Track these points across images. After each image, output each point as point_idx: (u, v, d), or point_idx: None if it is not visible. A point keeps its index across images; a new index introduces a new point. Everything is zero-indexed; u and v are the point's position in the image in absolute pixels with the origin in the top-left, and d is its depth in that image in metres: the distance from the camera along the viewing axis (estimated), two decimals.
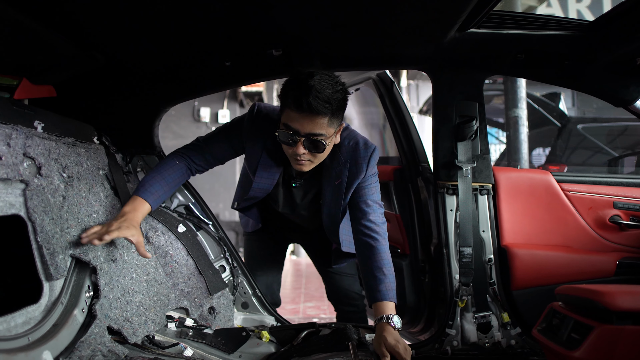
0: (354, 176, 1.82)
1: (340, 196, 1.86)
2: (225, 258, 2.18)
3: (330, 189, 1.86)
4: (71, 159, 1.68)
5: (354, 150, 1.82)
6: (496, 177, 2.21)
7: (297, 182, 1.92)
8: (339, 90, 1.59)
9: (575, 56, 1.96)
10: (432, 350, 2.13)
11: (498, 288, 2.17)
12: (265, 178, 1.87)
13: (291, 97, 1.56)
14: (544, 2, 7.47)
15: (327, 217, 1.94)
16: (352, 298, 2.25)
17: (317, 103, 1.53)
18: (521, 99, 4.38)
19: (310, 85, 1.53)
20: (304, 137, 1.61)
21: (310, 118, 1.57)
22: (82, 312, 1.49)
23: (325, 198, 1.89)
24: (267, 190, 1.91)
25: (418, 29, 1.73)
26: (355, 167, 1.82)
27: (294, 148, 1.64)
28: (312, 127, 1.59)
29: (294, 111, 1.57)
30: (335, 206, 1.89)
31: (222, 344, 1.90)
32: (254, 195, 1.94)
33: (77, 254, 1.54)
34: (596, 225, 2.23)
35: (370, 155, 1.83)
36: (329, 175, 1.85)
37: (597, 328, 1.22)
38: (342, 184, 1.84)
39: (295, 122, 1.59)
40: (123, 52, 1.82)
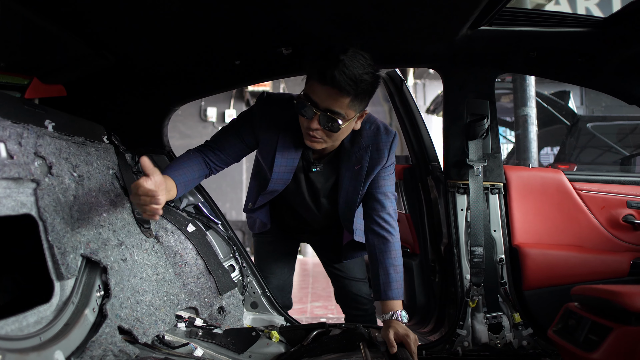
0: (375, 162, 1.77)
1: (359, 182, 1.80)
2: (235, 258, 2.17)
3: (349, 174, 1.80)
4: (81, 159, 1.68)
5: (375, 135, 1.77)
6: (507, 176, 2.19)
7: (317, 167, 1.83)
8: (369, 73, 1.49)
9: (588, 53, 1.93)
10: (442, 350, 2.11)
11: (509, 288, 2.15)
12: (284, 166, 1.79)
13: (317, 67, 1.48)
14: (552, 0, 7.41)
15: (344, 204, 1.87)
16: (361, 303, 2.21)
17: (342, 78, 1.44)
18: (530, 97, 4.35)
19: (339, 59, 1.44)
20: (321, 112, 1.54)
21: (332, 94, 1.49)
22: (93, 312, 1.48)
23: (344, 183, 1.82)
24: (286, 180, 1.83)
25: (430, 26, 1.71)
26: (377, 153, 1.77)
27: (308, 121, 1.58)
28: (331, 103, 1.52)
29: (317, 82, 1.50)
30: (354, 192, 1.82)
31: (231, 344, 1.89)
32: (273, 189, 1.86)
33: (88, 253, 1.54)
34: (609, 225, 2.21)
35: (392, 140, 1.78)
36: (348, 160, 1.79)
37: (615, 329, 1.20)
38: (363, 169, 1.78)
39: (315, 94, 1.52)
40: (133, 51, 1.82)
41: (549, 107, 5.24)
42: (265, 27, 1.71)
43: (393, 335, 1.67)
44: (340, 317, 4.13)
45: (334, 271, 2.22)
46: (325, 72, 1.45)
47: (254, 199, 2.00)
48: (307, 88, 1.57)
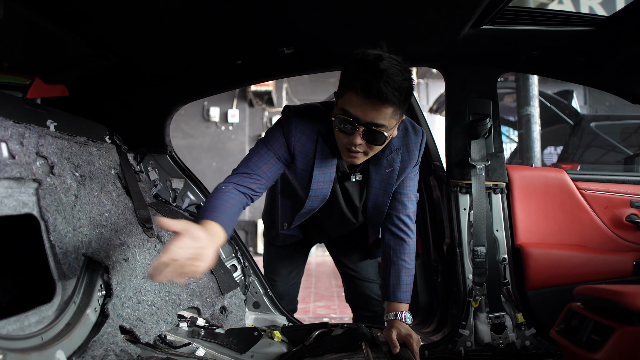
0: (406, 163, 1.72)
1: (390, 185, 1.73)
2: (237, 257, 2.17)
3: (379, 177, 1.73)
4: (83, 158, 1.69)
5: (405, 136, 1.70)
6: (510, 176, 2.18)
7: (355, 176, 1.74)
8: (407, 79, 1.41)
9: (591, 52, 1.92)
10: (445, 350, 2.11)
11: (512, 288, 2.14)
12: (321, 182, 1.69)
13: (360, 81, 1.38)
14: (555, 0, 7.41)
15: (373, 208, 1.80)
16: (372, 304, 2.18)
17: (387, 90, 1.36)
18: (533, 96, 4.33)
19: (381, 69, 1.35)
20: (364, 127, 1.44)
21: (376, 106, 1.40)
22: (94, 312, 1.48)
23: (373, 187, 1.75)
24: (325, 196, 1.73)
25: (432, 25, 1.71)
26: (407, 154, 1.71)
27: (350, 137, 1.47)
28: (375, 116, 1.42)
29: (358, 95, 1.39)
30: (384, 195, 1.75)
31: (233, 343, 1.89)
32: (310, 207, 1.75)
33: (90, 253, 1.54)
34: (612, 225, 2.19)
35: (421, 140, 1.72)
36: (378, 164, 1.71)
37: (618, 329, 1.20)
38: (394, 172, 1.71)
39: (357, 108, 1.42)
40: (135, 51, 1.83)
41: (552, 107, 5.22)
42: (267, 27, 1.71)
43: (396, 335, 1.66)
44: (343, 316, 4.14)
45: (348, 271, 2.18)
46: (371, 85, 1.36)
47: (289, 219, 1.89)
48: (344, 102, 1.45)
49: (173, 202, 2.20)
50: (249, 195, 1.60)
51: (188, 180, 2.21)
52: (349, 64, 1.44)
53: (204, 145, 8.61)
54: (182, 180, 2.20)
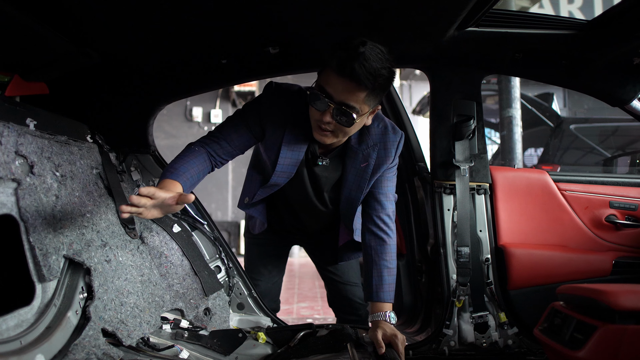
0: (381, 161, 1.75)
1: (364, 180, 1.77)
2: (221, 258, 2.15)
3: (354, 170, 1.77)
4: (64, 158, 1.65)
5: (383, 134, 1.74)
6: (493, 177, 2.21)
7: (323, 161, 1.76)
8: (386, 67, 1.44)
9: (573, 55, 1.96)
10: (429, 350, 2.12)
11: (495, 288, 2.16)
12: (289, 158, 1.72)
13: (336, 58, 1.41)
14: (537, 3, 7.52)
15: (346, 201, 1.84)
16: (355, 307, 2.17)
17: (361, 71, 1.39)
18: (515, 99, 4.39)
19: (360, 51, 1.39)
20: (335, 105, 1.48)
21: (349, 86, 1.43)
22: (75, 314, 1.46)
23: (348, 180, 1.79)
24: (290, 173, 1.76)
25: (418, 27, 1.72)
26: (384, 152, 1.74)
27: (321, 114, 1.51)
28: (347, 97, 1.46)
29: (334, 73, 1.43)
30: (357, 189, 1.79)
31: (218, 345, 1.87)
32: (275, 182, 1.78)
33: (71, 254, 1.51)
34: (592, 225, 2.24)
35: (399, 140, 1.76)
36: (354, 157, 1.75)
37: (600, 328, 1.22)
38: (369, 167, 1.75)
39: (331, 86, 1.46)
40: (118, 49, 1.79)
41: (533, 109, 5.30)
42: (253, 26, 1.70)
43: (381, 335, 1.67)
44: (327, 317, 4.14)
45: (329, 275, 2.17)
46: (345, 64, 1.40)
47: (252, 193, 1.91)
48: (321, 79, 1.51)
49: None
50: (214, 161, 1.70)
51: None
52: (334, 45, 1.46)
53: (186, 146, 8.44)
54: None
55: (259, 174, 1.91)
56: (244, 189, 2.00)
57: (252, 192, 1.91)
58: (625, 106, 2.10)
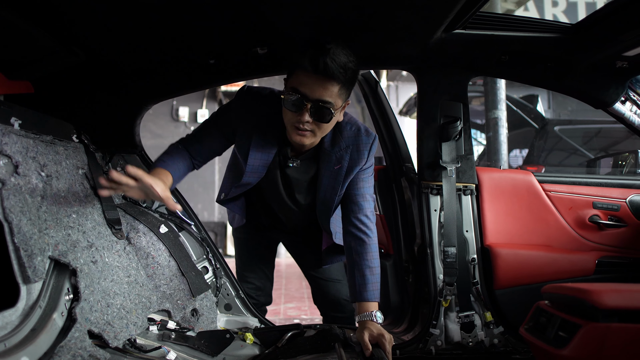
0: (354, 162, 1.78)
1: (338, 182, 1.80)
2: (208, 259, 2.15)
3: (328, 173, 1.80)
4: (50, 158, 1.63)
5: (356, 136, 1.77)
6: (479, 178, 2.23)
7: (294, 162, 1.80)
8: (352, 62, 1.55)
9: (558, 58, 1.99)
10: (416, 350, 2.13)
11: (481, 287, 2.19)
12: (259, 159, 1.77)
13: (308, 57, 1.49)
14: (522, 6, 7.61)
15: (322, 203, 1.87)
16: (340, 305, 2.18)
17: (333, 65, 1.48)
18: (501, 100, 4.44)
19: (327, 47, 1.49)
20: (312, 103, 1.54)
21: (323, 82, 1.51)
22: (61, 316, 1.44)
23: (322, 182, 1.82)
24: (260, 173, 1.80)
25: (405, 29, 1.73)
26: (357, 154, 1.77)
27: (298, 115, 1.56)
28: (322, 93, 1.53)
29: (307, 72, 1.51)
30: (332, 191, 1.82)
31: (205, 346, 1.86)
32: (247, 181, 1.82)
33: (57, 255, 1.49)
34: (576, 225, 2.27)
35: (372, 142, 1.79)
36: (328, 160, 1.78)
37: (584, 326, 1.24)
38: (342, 169, 1.78)
39: (305, 85, 1.53)
40: (105, 48, 1.77)
41: (518, 110, 5.36)
42: (241, 26, 1.69)
43: (368, 336, 1.67)
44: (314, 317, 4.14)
45: (312, 273, 2.19)
46: (318, 60, 1.47)
47: (227, 189, 2.00)
48: (293, 82, 1.56)
49: (143, 203, 2.15)
50: (194, 162, 1.84)
51: None
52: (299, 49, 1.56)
53: None
54: None
55: (234, 172, 1.98)
56: (222, 185, 2.09)
57: (227, 188, 1.99)
58: (608, 108, 2.14)
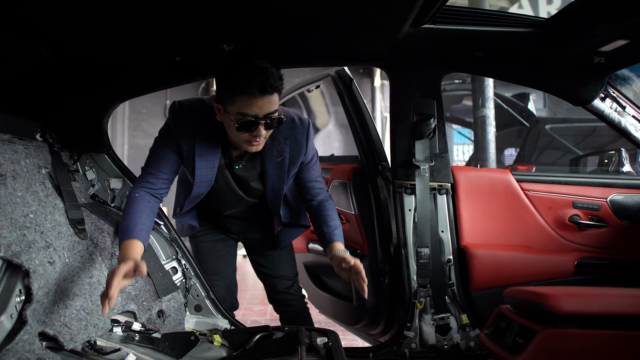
0: (295, 153, 1.88)
1: (283, 172, 1.90)
2: (177, 259, 2.11)
3: (272, 166, 1.89)
4: (6, 157, 1.60)
5: (292, 128, 1.87)
6: (455, 177, 2.18)
7: (239, 164, 1.89)
8: (276, 67, 1.63)
9: (532, 54, 1.94)
10: (390, 352, 2.10)
11: (457, 289, 2.14)
12: (205, 168, 1.84)
13: (255, 84, 1.56)
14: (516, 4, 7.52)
15: (271, 192, 1.96)
16: (290, 299, 2.24)
17: (275, 82, 1.58)
18: (489, 98, 4.38)
19: (263, 67, 1.56)
20: (264, 119, 1.63)
21: (270, 99, 1.60)
22: (10, 318, 1.40)
23: (269, 174, 1.91)
24: (210, 181, 1.87)
25: (371, 24, 1.68)
26: (295, 144, 1.87)
27: (253, 132, 1.65)
28: (269, 107, 1.61)
29: (256, 96, 1.57)
30: (279, 181, 1.92)
31: (169, 348, 1.82)
32: (198, 192, 1.90)
33: (9, 256, 1.46)
34: (556, 225, 2.22)
35: (307, 130, 1.89)
36: (270, 155, 1.87)
37: (540, 332, 1.19)
38: (285, 159, 1.88)
39: (254, 107, 1.59)
40: (69, 45, 1.74)
41: (509, 109, 5.30)
42: (205, 23, 1.66)
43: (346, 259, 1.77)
44: None
45: (263, 270, 2.25)
46: (265, 85, 1.56)
47: (181, 204, 2.02)
48: (239, 106, 1.60)
49: (112, 203, 2.12)
50: (157, 195, 1.82)
51: (127, 180, 2.13)
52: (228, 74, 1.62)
53: None
54: (121, 180, 2.13)
55: (185, 186, 2.02)
56: (176, 200, 2.10)
57: (181, 203, 2.01)
58: (587, 105, 2.09)
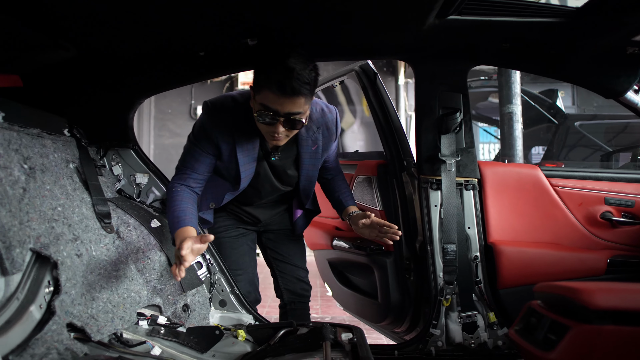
0: (327, 140, 1.97)
1: (318, 160, 1.99)
2: (202, 254, 2.12)
3: (307, 155, 1.95)
4: (35, 150, 1.63)
5: (322, 116, 1.93)
6: (482, 172, 2.14)
7: (275, 156, 1.93)
8: (313, 70, 1.63)
9: (561, 45, 1.88)
10: (415, 350, 2.06)
11: (484, 287, 2.10)
12: (247, 163, 1.88)
13: (274, 81, 1.57)
14: None
15: (305, 180, 2.03)
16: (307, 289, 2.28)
17: (298, 85, 1.56)
18: (516, 94, 4.28)
19: (290, 67, 1.55)
20: (284, 117, 1.64)
21: (292, 100, 1.60)
22: (39, 309, 1.43)
23: (304, 164, 1.97)
24: (251, 174, 1.92)
25: (395, 16, 1.66)
26: (327, 131, 1.96)
27: (272, 127, 1.67)
28: (291, 107, 1.62)
29: (274, 93, 1.59)
30: (314, 169, 2.01)
31: (194, 342, 1.83)
32: (243, 187, 1.95)
33: (38, 248, 1.48)
34: (586, 222, 2.15)
35: (335, 116, 1.97)
36: (305, 144, 1.93)
37: (573, 328, 1.15)
38: (319, 148, 1.96)
39: (274, 103, 1.61)
40: (95, 42, 1.76)
41: (537, 106, 5.18)
42: (230, 17, 1.66)
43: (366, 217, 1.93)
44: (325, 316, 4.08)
45: (281, 259, 2.27)
46: (285, 85, 1.56)
47: (219, 197, 2.03)
48: (262, 98, 1.63)
49: (137, 198, 2.15)
50: (194, 192, 1.87)
51: (153, 175, 2.15)
52: (260, 64, 1.66)
53: None
54: (147, 175, 2.15)
55: (224, 179, 2.00)
56: (208, 194, 2.06)
57: (219, 196, 2.02)
58: (619, 98, 2.02)
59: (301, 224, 2.26)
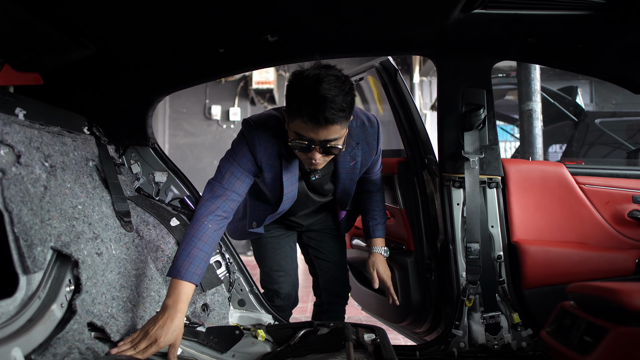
0: (367, 155, 1.89)
1: (355, 174, 1.92)
2: (221, 253, 2.10)
3: (345, 170, 1.89)
4: (55, 149, 1.62)
5: (363, 131, 1.84)
6: (506, 170, 2.09)
7: (315, 176, 1.89)
8: (347, 92, 1.51)
9: (590, 39, 1.83)
10: (437, 351, 2.02)
11: (508, 287, 2.05)
12: (291, 186, 1.84)
13: (305, 112, 1.48)
14: None
15: (342, 193, 1.99)
16: (344, 290, 2.26)
17: (332, 115, 1.46)
18: (535, 91, 4.20)
19: (322, 96, 1.44)
20: (320, 145, 1.56)
21: (326, 128, 1.51)
22: (60, 307, 1.41)
23: (341, 178, 1.92)
24: (294, 197, 1.89)
25: (419, 10, 1.62)
26: (367, 146, 1.87)
27: (309, 154, 1.60)
28: (327, 134, 1.53)
29: (308, 123, 1.50)
30: (351, 183, 1.95)
31: (214, 342, 1.81)
32: (283, 209, 1.93)
33: (59, 246, 1.47)
34: (614, 221, 2.10)
35: (377, 131, 1.88)
36: (343, 160, 1.86)
37: (612, 330, 1.10)
38: (357, 164, 1.89)
39: (309, 132, 1.53)
40: (115, 39, 1.75)
41: (556, 103, 5.09)
42: (250, 13, 1.64)
43: (376, 273, 2.06)
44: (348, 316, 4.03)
45: (320, 256, 2.23)
46: (317, 116, 1.46)
47: (260, 218, 2.02)
48: (296, 127, 1.55)
49: (156, 196, 2.14)
50: (226, 217, 1.72)
51: (171, 173, 2.14)
52: (291, 90, 1.53)
53: (205, 144, 8.52)
54: (165, 174, 2.14)
55: (261, 200, 2.00)
56: (250, 216, 2.06)
57: (260, 218, 2.01)
58: None
59: (346, 224, 2.23)
